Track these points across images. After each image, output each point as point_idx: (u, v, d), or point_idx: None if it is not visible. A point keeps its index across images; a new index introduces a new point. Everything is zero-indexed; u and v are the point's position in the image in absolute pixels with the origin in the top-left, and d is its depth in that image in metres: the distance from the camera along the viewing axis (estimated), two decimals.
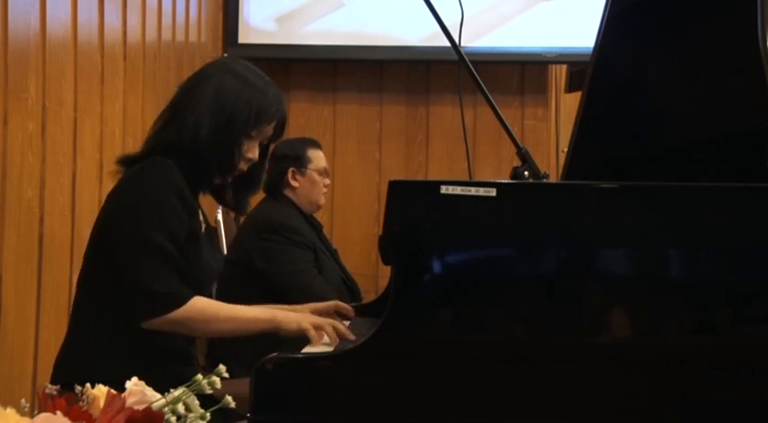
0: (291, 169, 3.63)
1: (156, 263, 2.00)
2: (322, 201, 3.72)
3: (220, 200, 2.28)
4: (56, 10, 2.87)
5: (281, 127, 2.20)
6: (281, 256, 3.46)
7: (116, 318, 2.05)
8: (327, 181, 3.73)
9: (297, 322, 2.04)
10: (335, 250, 3.79)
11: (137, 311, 2.01)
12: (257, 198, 3.71)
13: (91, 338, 2.07)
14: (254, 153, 2.17)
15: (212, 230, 2.31)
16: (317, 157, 3.71)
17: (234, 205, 2.31)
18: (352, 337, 2.02)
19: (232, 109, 2.11)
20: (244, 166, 2.17)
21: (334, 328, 2.01)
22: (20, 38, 2.67)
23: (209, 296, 2.18)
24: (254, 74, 2.20)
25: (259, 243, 3.48)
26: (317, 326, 2.02)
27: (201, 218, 2.19)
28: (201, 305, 2.03)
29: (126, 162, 2.17)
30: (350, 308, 2.32)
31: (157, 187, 2.05)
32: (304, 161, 3.66)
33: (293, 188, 3.64)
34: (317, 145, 3.76)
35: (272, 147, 2.34)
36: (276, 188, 3.65)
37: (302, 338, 2.05)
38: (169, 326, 2.01)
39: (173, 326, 2.02)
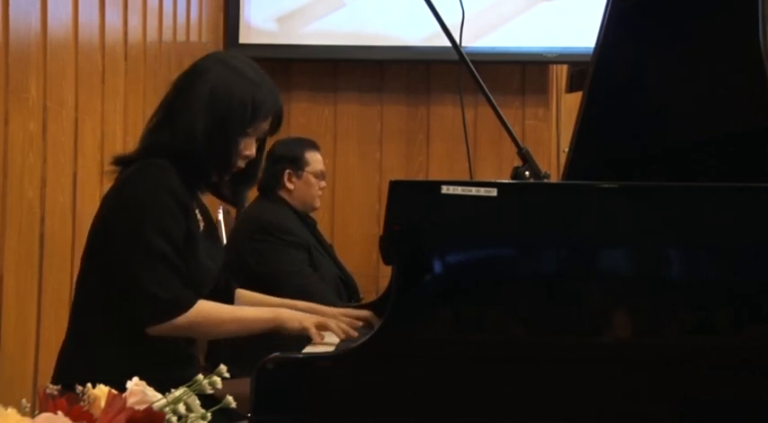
0: (288, 171, 3.59)
1: (157, 268, 1.99)
2: (317, 203, 3.69)
3: (217, 194, 2.26)
4: (57, 10, 2.87)
5: (277, 122, 2.18)
6: (276, 257, 3.44)
7: (116, 319, 2.05)
8: (323, 183, 3.69)
9: (299, 321, 2.05)
10: (330, 246, 3.77)
11: (142, 318, 2.00)
12: (251, 196, 3.72)
13: (91, 339, 2.07)
14: (251, 150, 2.15)
15: (213, 226, 2.30)
16: (315, 160, 3.66)
17: (231, 199, 2.30)
18: (355, 334, 2.04)
19: (227, 109, 2.09)
20: (242, 164, 2.16)
21: (339, 326, 2.03)
22: (21, 38, 2.67)
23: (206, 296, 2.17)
24: (249, 67, 2.17)
25: (252, 245, 3.46)
26: (320, 325, 2.03)
27: (200, 216, 2.18)
28: (206, 309, 2.04)
29: (122, 162, 2.15)
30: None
31: (154, 190, 2.04)
32: (301, 163, 3.62)
33: (288, 190, 3.60)
34: (315, 147, 3.72)
35: (269, 142, 2.33)
36: (271, 188, 3.61)
37: (303, 338, 2.06)
38: (174, 331, 2.01)
39: (178, 331, 2.02)
